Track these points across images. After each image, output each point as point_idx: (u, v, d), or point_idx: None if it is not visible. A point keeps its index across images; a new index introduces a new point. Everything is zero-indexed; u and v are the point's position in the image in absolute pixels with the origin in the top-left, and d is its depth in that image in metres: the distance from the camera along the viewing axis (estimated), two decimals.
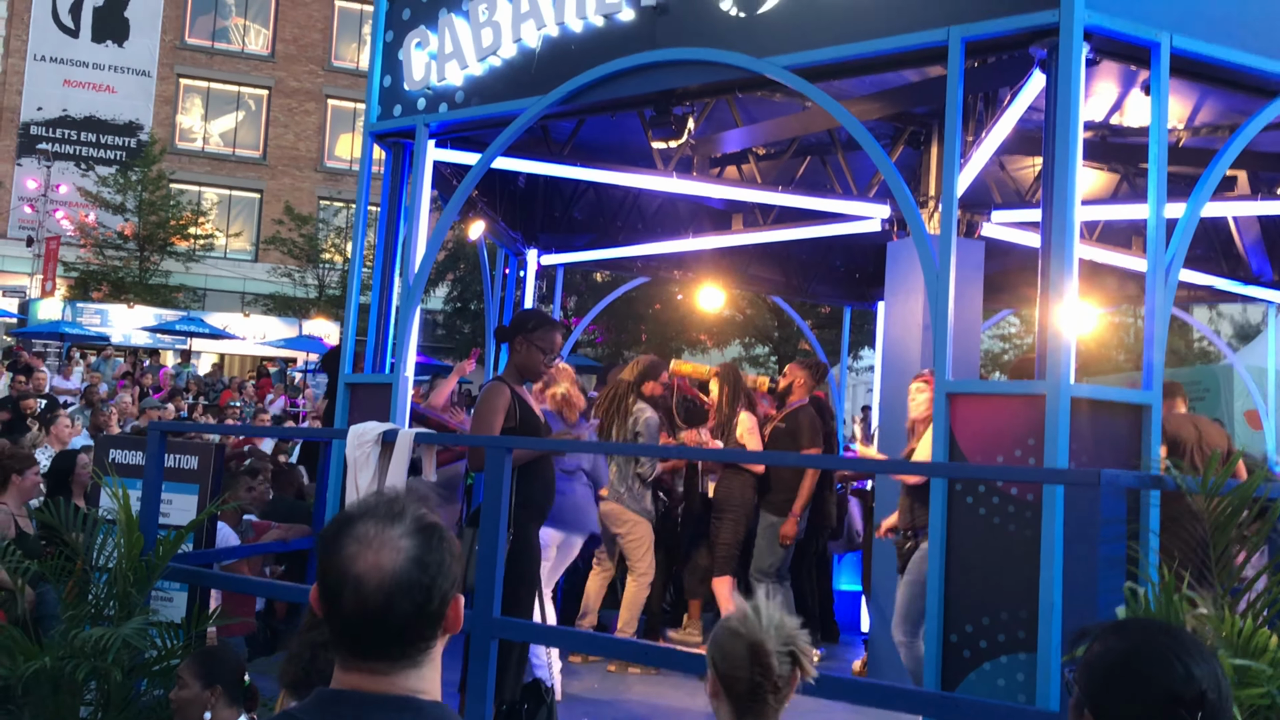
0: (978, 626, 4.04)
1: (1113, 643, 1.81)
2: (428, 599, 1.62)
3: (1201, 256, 8.72)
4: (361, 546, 1.62)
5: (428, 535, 1.66)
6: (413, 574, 1.61)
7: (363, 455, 5.09)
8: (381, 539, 1.63)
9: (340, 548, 1.63)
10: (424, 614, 1.62)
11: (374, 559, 1.61)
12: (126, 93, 35.31)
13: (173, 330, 27.62)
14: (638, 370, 7.24)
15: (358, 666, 1.64)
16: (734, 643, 2.51)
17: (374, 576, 1.60)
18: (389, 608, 1.60)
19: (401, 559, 1.61)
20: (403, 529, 1.64)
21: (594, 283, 25.42)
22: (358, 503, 1.72)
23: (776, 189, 7.55)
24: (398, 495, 1.73)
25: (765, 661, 2.47)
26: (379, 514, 1.66)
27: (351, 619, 1.61)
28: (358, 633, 1.62)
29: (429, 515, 1.70)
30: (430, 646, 1.66)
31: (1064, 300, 4.19)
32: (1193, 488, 3.46)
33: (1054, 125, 4.29)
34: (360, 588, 1.60)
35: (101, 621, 5.12)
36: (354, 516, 1.67)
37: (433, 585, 1.63)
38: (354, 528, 1.65)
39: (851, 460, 5.98)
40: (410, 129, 6.06)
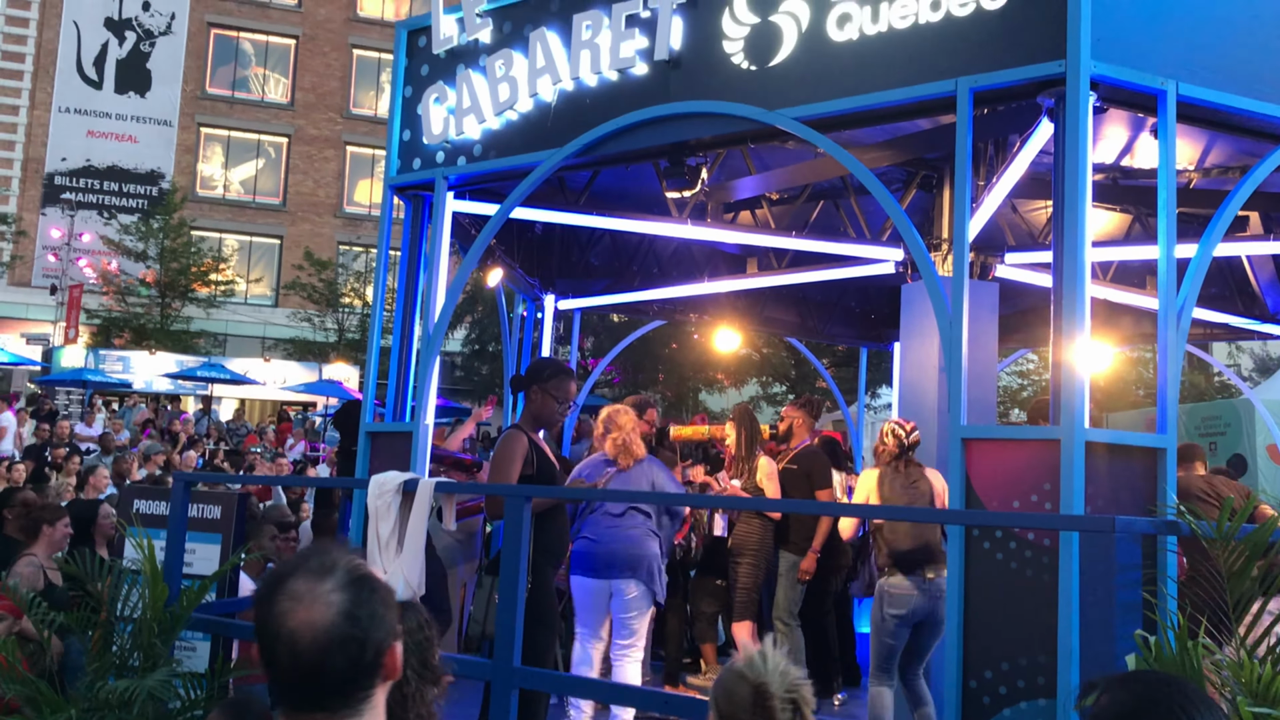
0: (997, 673, 4.04)
1: (1119, 695, 1.84)
2: (361, 651, 1.65)
3: (1217, 295, 8.73)
4: (293, 603, 1.65)
5: (358, 588, 1.69)
6: (344, 628, 1.65)
7: (383, 505, 5.14)
8: (312, 595, 1.66)
9: (273, 605, 1.67)
10: (359, 666, 1.66)
11: (305, 615, 1.64)
12: (148, 142, 35.82)
13: (194, 376, 27.81)
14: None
15: (295, 716, 1.67)
16: (739, 685, 2.51)
17: (306, 633, 1.63)
18: (323, 663, 1.63)
19: (332, 613, 1.65)
20: (333, 583, 1.67)
21: (611, 324, 25.53)
22: (290, 559, 1.76)
23: (790, 234, 7.62)
24: (329, 550, 1.76)
25: (768, 704, 2.47)
26: (310, 570, 1.69)
27: (288, 675, 1.65)
28: (295, 688, 1.66)
29: (360, 568, 1.73)
30: (369, 695, 1.69)
31: (1077, 343, 4.22)
32: (1208, 533, 3.47)
33: (1063, 172, 4.34)
34: (294, 645, 1.64)
35: (126, 673, 5.16)
36: (285, 574, 1.71)
37: (365, 638, 1.66)
38: (286, 585, 1.68)
39: (865, 508, 6.01)
40: (429, 181, 6.17)
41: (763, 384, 29.84)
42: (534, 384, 5.43)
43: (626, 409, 6.37)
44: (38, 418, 18.74)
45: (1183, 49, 4.55)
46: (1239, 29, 4.72)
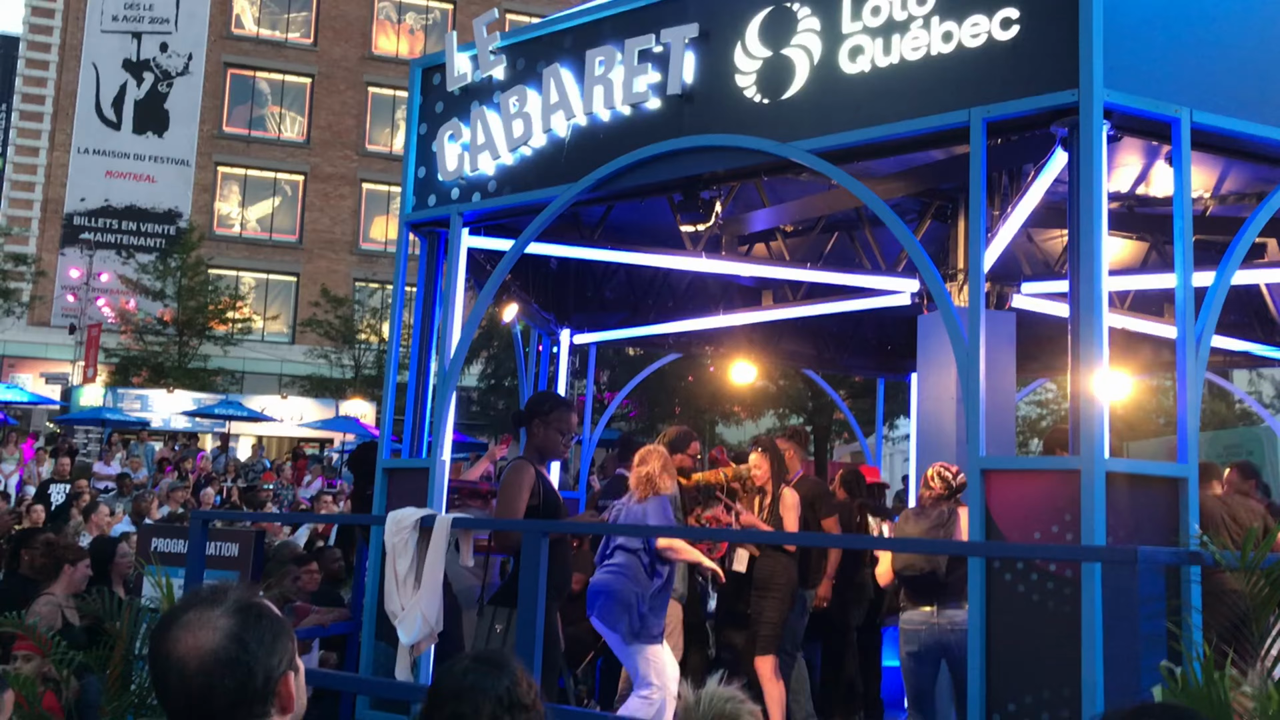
0: (1020, 705, 4.00)
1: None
2: (249, 676, 1.66)
3: (1236, 323, 8.68)
4: (182, 630, 1.67)
5: (247, 613, 1.70)
6: (231, 651, 1.66)
7: (401, 541, 5.14)
8: (200, 620, 1.68)
9: (165, 634, 1.69)
10: (247, 690, 1.66)
11: (193, 640, 1.66)
12: (166, 181, 36.15)
13: (212, 414, 27.91)
14: (666, 442, 7.20)
15: None
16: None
17: (194, 657, 1.65)
18: (210, 686, 1.64)
19: (219, 637, 1.66)
20: (221, 610, 1.69)
21: (626, 358, 25.54)
22: (185, 595, 1.79)
23: (805, 265, 7.63)
24: (225, 584, 1.78)
25: None
26: (201, 599, 1.72)
27: (177, 701, 1.66)
28: (185, 715, 1.66)
29: (252, 598, 1.74)
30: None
31: (1095, 373, 4.20)
32: (1231, 564, 3.44)
33: (1078, 201, 4.34)
34: (183, 670, 1.65)
35: (145, 711, 5.15)
36: (179, 606, 1.73)
37: (253, 662, 1.66)
38: (179, 616, 1.70)
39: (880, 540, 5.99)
40: (445, 218, 6.20)
41: (779, 416, 29.76)
42: (535, 418, 5.42)
43: (659, 449, 6.37)
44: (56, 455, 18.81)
45: (1196, 76, 4.55)
46: (1252, 56, 4.72)
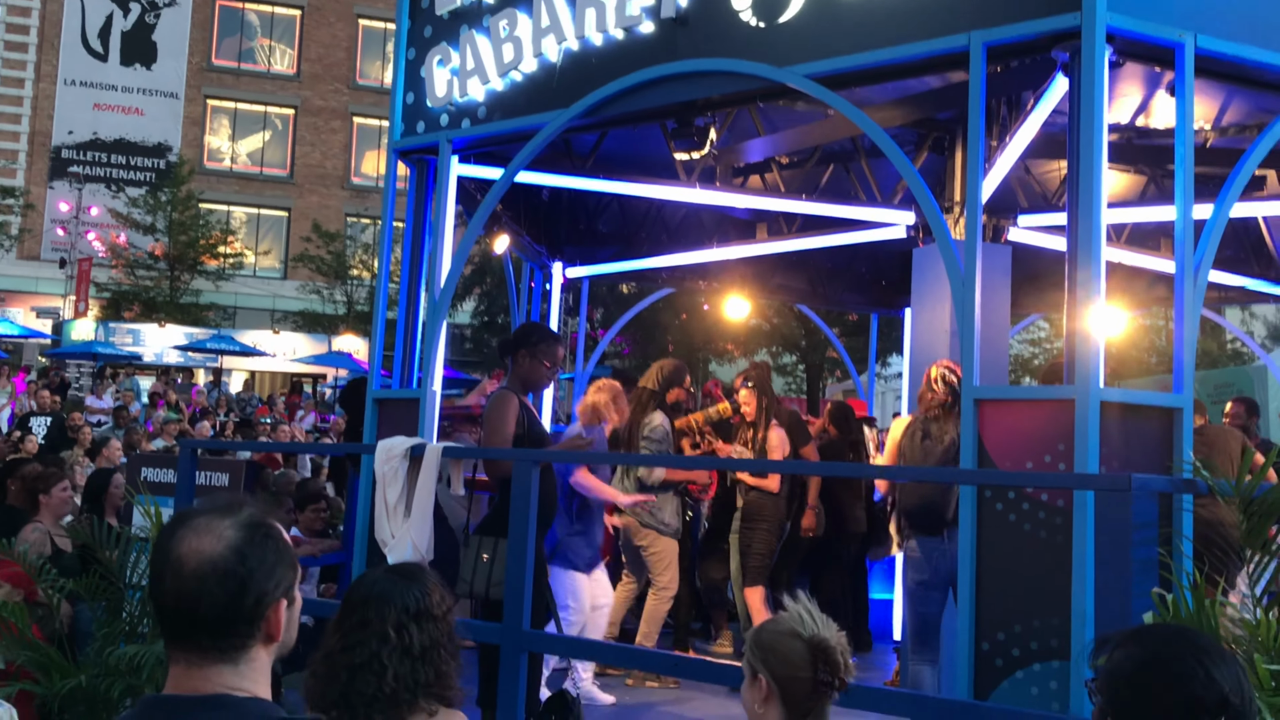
0: (1009, 634, 4.01)
1: (1133, 650, 1.79)
2: (241, 591, 1.65)
3: (1232, 258, 8.63)
4: (189, 532, 1.68)
5: (254, 531, 1.70)
6: (230, 561, 1.66)
7: (391, 470, 5.12)
8: (208, 527, 1.68)
9: (171, 535, 1.70)
10: (236, 606, 1.65)
11: (196, 544, 1.66)
12: (155, 115, 35.74)
13: (204, 348, 27.87)
14: (661, 377, 7.14)
15: (175, 658, 1.68)
16: (793, 645, 2.45)
17: (192, 560, 1.65)
18: (201, 591, 1.64)
19: (222, 546, 1.66)
20: (232, 522, 1.70)
21: (619, 294, 25.46)
22: (203, 500, 1.78)
23: (800, 197, 7.54)
24: (243, 499, 1.79)
25: (833, 659, 2.43)
26: (215, 508, 1.73)
27: (169, 602, 1.66)
28: (174, 616, 1.67)
29: (266, 519, 1.75)
30: (247, 645, 1.68)
31: (1092, 304, 4.16)
32: (1226, 491, 3.42)
33: (1078, 129, 4.26)
34: (180, 569, 1.65)
35: (135, 639, 5.16)
36: (194, 511, 1.74)
37: (249, 578, 1.66)
38: (190, 519, 1.71)
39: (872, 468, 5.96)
40: (434, 145, 6.10)
41: (773, 354, 29.77)
42: (522, 348, 5.41)
43: (615, 384, 6.46)
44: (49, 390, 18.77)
45: (1201, 1, 4.46)
46: None
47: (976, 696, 4.03)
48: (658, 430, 6.88)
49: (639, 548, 6.91)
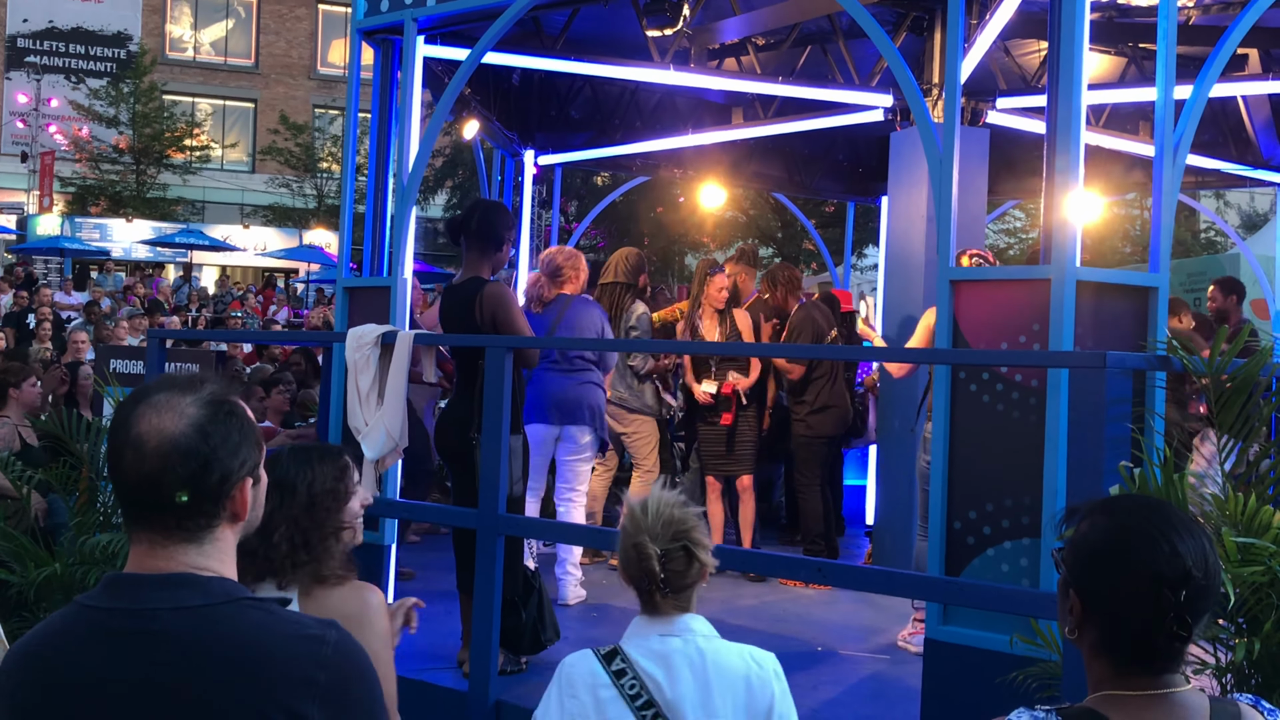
0: (981, 513, 4.04)
1: (1099, 521, 1.78)
2: (205, 470, 1.60)
3: (1210, 141, 8.57)
4: (149, 409, 1.62)
5: (218, 408, 1.65)
6: (192, 440, 1.60)
7: (362, 358, 5.07)
8: (169, 404, 1.62)
9: (131, 412, 1.63)
10: (199, 485, 1.60)
11: (157, 421, 1.61)
12: (113, 2, 34.63)
13: (172, 243, 27.50)
14: (626, 267, 7.13)
15: (138, 538, 1.63)
16: (624, 542, 2.61)
17: (153, 438, 1.60)
18: (163, 470, 1.59)
19: (184, 424, 1.61)
20: (194, 398, 1.64)
21: (594, 186, 25.18)
22: (162, 377, 1.71)
23: (777, 79, 7.40)
24: (205, 376, 1.73)
25: (647, 565, 2.54)
26: (177, 385, 1.67)
27: (130, 481, 1.61)
28: (135, 496, 1.62)
29: (229, 396, 1.69)
30: (211, 525, 1.64)
31: (1070, 187, 4.11)
32: (1199, 369, 3.43)
33: (1059, 7, 4.17)
34: (140, 447, 1.60)
35: (110, 529, 5.16)
36: (153, 387, 1.67)
37: (212, 456, 1.61)
38: (149, 395, 1.65)
39: (854, 350, 5.95)
40: (399, 24, 5.90)
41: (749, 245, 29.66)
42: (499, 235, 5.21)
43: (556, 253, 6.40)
44: (16, 286, 18.52)
45: None
46: None
47: (948, 573, 4.08)
48: (643, 319, 6.93)
49: (620, 434, 6.97)
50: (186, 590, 1.59)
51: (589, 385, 6.16)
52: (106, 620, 1.59)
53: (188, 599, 1.58)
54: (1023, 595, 3.64)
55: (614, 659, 2.55)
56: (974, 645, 3.89)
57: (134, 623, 1.57)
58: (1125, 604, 1.70)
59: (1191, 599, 1.67)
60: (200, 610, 1.58)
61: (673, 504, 2.61)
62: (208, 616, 1.58)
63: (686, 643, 2.56)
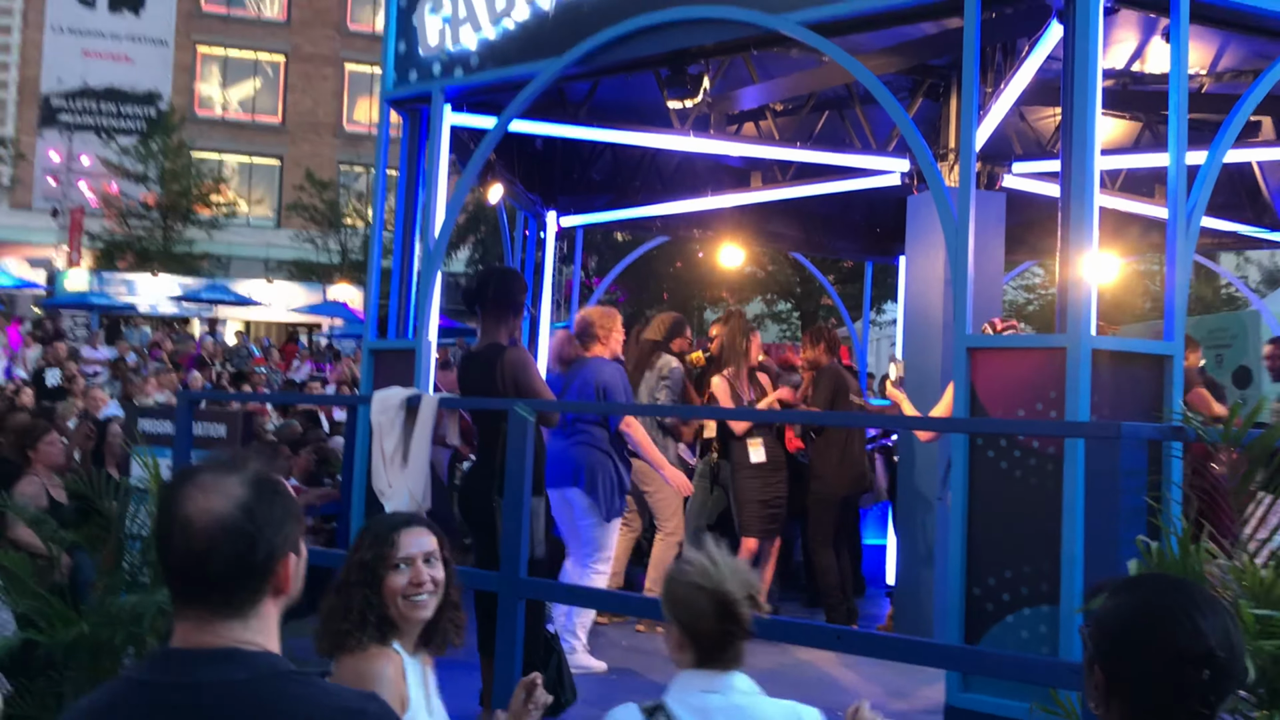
0: (1000, 580, 4.06)
1: (1123, 598, 1.82)
2: (251, 548, 1.66)
3: (1226, 203, 8.62)
4: (195, 490, 1.68)
5: (261, 487, 1.71)
6: (239, 520, 1.66)
7: (387, 420, 5.14)
8: (215, 485, 1.68)
9: (177, 492, 1.70)
10: (246, 563, 1.66)
11: (204, 502, 1.67)
12: (145, 62, 35.33)
13: (199, 298, 27.81)
14: (664, 328, 7.24)
15: (184, 614, 1.69)
16: (697, 596, 2.55)
17: (201, 518, 1.65)
18: (211, 550, 1.64)
19: (230, 504, 1.67)
20: (238, 479, 1.70)
21: (614, 242, 25.36)
22: (206, 458, 1.79)
23: (795, 145, 7.51)
24: (246, 455, 1.79)
25: (735, 611, 2.52)
26: (220, 466, 1.73)
27: (178, 561, 1.67)
28: (183, 576, 1.67)
29: (271, 475, 1.75)
30: (256, 601, 1.69)
31: (1085, 251, 4.18)
32: (1215, 439, 3.46)
33: (1072, 77, 4.26)
34: (188, 528, 1.66)
35: (136, 589, 5.21)
36: (197, 468, 1.74)
37: (258, 534, 1.67)
38: (194, 476, 1.71)
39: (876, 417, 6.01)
40: (427, 94, 6.06)
41: (767, 301, 29.74)
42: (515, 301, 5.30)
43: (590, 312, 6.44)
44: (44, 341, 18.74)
45: None
46: None
47: (968, 640, 4.10)
48: (675, 372, 6.96)
49: (644, 492, 6.96)
50: (233, 665, 1.65)
51: (583, 446, 6.00)
52: (155, 695, 1.64)
53: (234, 674, 1.64)
54: (1042, 664, 3.65)
55: (656, 714, 2.55)
56: (994, 713, 3.90)
57: (182, 697, 1.63)
58: (1149, 681, 1.73)
59: (1215, 678, 1.71)
60: (246, 685, 1.63)
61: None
62: (253, 691, 1.63)
63: (727, 699, 2.57)
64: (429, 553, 2.90)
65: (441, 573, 2.90)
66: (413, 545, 2.88)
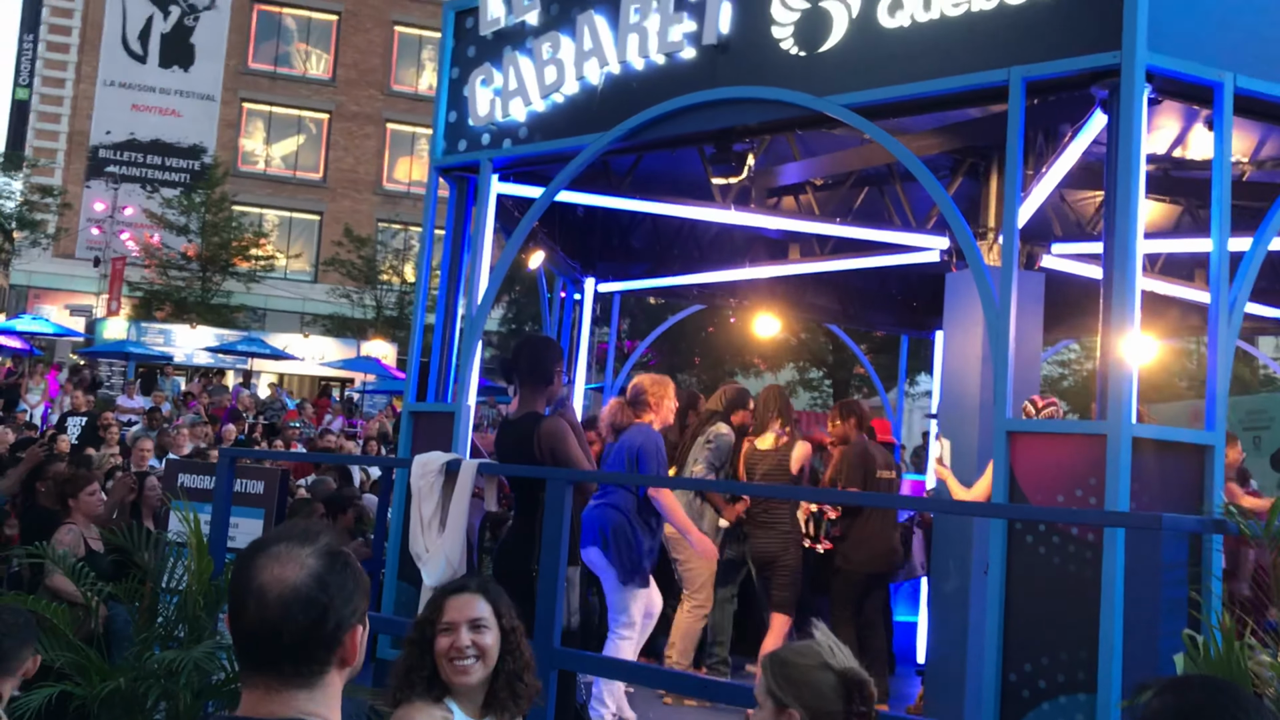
0: (1036, 666, 4.03)
1: (1170, 700, 1.83)
2: (322, 618, 1.71)
3: (1265, 289, 8.59)
4: (270, 560, 1.74)
5: (334, 560, 1.77)
6: (312, 590, 1.71)
7: (427, 485, 5.19)
8: (289, 555, 1.74)
9: (252, 561, 1.75)
10: (318, 632, 1.71)
11: (279, 572, 1.72)
12: (192, 116, 36.09)
13: (235, 350, 28.09)
14: (726, 399, 7.27)
15: (253, 682, 1.73)
16: (824, 677, 2.47)
17: (275, 588, 1.71)
18: (284, 618, 1.70)
19: (304, 574, 1.72)
20: (311, 550, 1.76)
21: (648, 306, 25.50)
22: (278, 528, 1.84)
23: (834, 220, 7.58)
24: (318, 526, 1.85)
25: (867, 691, 2.47)
26: (293, 536, 1.79)
27: (251, 628, 1.72)
28: (255, 642, 1.72)
29: (340, 546, 1.82)
30: (324, 670, 1.74)
31: (1126, 336, 4.19)
32: (1256, 533, 3.44)
33: (1115, 165, 4.30)
34: (263, 597, 1.71)
35: (171, 643, 5.25)
36: (271, 538, 1.80)
37: (329, 605, 1.72)
38: (268, 546, 1.77)
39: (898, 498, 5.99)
40: (475, 164, 6.19)
41: (800, 369, 29.73)
42: (551, 371, 5.36)
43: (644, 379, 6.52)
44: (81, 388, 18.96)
45: (1240, 40, 4.48)
46: None
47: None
48: (724, 439, 6.97)
49: (675, 560, 6.94)
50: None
51: (607, 508, 6.07)
52: None
53: None
54: None
55: None
56: None
57: None
58: None
59: None
60: None
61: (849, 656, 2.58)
62: None
63: None
64: (475, 619, 3.00)
65: (489, 639, 3.00)
66: (458, 611, 3.01)
